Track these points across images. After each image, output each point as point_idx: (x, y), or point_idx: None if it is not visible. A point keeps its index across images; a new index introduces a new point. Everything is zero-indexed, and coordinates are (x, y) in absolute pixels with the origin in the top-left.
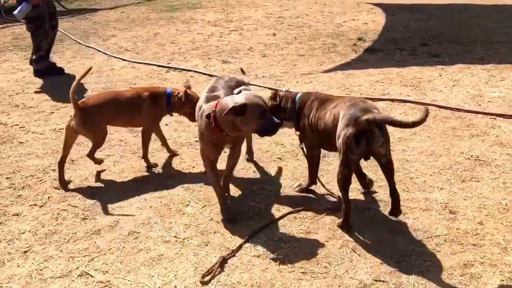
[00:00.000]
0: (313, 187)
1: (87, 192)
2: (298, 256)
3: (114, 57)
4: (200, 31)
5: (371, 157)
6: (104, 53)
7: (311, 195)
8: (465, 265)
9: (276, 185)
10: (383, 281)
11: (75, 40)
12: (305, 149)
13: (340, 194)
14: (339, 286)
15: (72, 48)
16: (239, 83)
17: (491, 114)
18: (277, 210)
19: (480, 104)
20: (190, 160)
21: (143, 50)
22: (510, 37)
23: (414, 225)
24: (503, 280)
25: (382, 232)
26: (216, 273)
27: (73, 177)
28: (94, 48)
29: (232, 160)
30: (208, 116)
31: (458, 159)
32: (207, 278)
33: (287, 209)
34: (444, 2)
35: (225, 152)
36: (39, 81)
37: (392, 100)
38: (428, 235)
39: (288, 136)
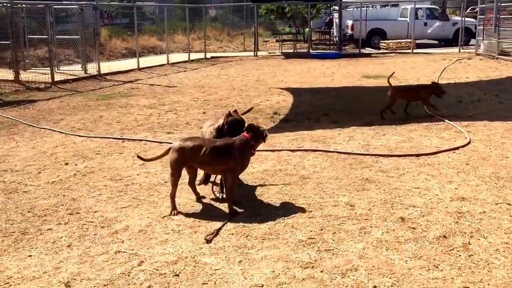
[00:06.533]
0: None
1: (97, 213)
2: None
3: (71, 134)
4: (140, 112)
5: None
6: (60, 132)
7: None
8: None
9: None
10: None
11: (28, 124)
12: None
13: None
14: (286, 244)
15: (28, 129)
16: None
17: (375, 155)
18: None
19: (368, 150)
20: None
21: (94, 128)
22: None
23: (328, 213)
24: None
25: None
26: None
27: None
28: (49, 129)
29: None
30: (251, 145)
31: (354, 180)
32: (209, 238)
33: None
34: (339, 86)
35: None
36: (18, 154)
37: (306, 150)
38: (337, 218)
39: None
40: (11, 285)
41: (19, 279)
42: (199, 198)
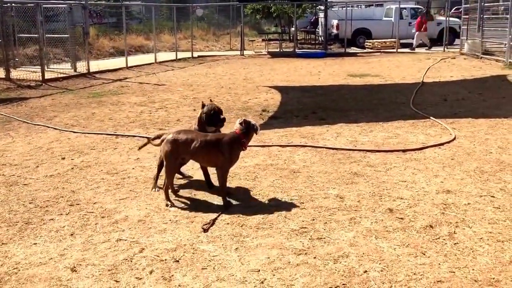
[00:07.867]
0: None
1: (96, 204)
2: (243, 219)
3: (65, 130)
4: (131, 110)
5: None
6: (55, 128)
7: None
8: (352, 217)
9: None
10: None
11: (21, 120)
12: None
13: None
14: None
15: (22, 126)
16: None
17: (362, 150)
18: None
19: (355, 146)
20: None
21: (87, 125)
22: (374, 106)
23: (319, 204)
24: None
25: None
26: (208, 226)
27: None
28: (44, 125)
29: None
30: (242, 142)
31: (343, 174)
32: (205, 227)
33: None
34: (325, 84)
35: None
36: (14, 150)
37: (296, 145)
38: (327, 209)
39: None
40: (19, 270)
41: (27, 264)
42: (174, 192)
